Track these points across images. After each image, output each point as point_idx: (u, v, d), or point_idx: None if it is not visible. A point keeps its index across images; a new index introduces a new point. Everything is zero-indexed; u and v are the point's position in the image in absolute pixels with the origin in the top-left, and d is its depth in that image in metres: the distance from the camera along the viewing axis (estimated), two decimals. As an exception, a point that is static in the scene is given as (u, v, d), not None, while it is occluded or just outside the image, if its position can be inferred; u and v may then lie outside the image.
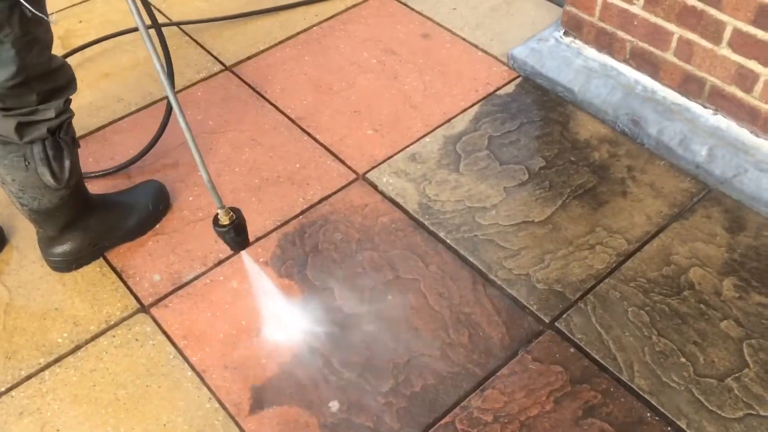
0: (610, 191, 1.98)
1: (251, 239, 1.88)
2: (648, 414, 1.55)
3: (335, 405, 1.58)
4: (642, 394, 1.58)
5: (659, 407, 1.56)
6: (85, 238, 1.79)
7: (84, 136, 2.14)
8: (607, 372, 1.61)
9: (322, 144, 2.13)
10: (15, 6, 1.36)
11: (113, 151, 2.10)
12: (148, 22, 1.90)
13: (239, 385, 1.61)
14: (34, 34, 1.42)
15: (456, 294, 1.77)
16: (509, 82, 2.30)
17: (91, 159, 2.08)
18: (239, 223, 1.53)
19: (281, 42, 2.46)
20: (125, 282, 1.80)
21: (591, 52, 2.22)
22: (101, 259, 1.85)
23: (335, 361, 1.65)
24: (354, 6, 2.57)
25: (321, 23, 2.51)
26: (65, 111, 1.57)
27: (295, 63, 2.38)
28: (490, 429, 1.54)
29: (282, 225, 1.92)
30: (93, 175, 2.01)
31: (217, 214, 1.52)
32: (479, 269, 1.81)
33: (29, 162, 1.56)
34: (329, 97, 2.26)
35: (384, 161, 2.07)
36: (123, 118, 2.21)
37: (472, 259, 1.83)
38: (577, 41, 2.25)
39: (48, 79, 1.51)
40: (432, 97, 2.25)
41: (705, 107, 2.02)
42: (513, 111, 2.20)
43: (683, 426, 1.53)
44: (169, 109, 2.06)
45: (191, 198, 1.98)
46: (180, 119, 1.42)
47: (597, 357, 1.64)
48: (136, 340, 1.70)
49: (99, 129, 2.17)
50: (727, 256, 1.82)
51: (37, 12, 1.39)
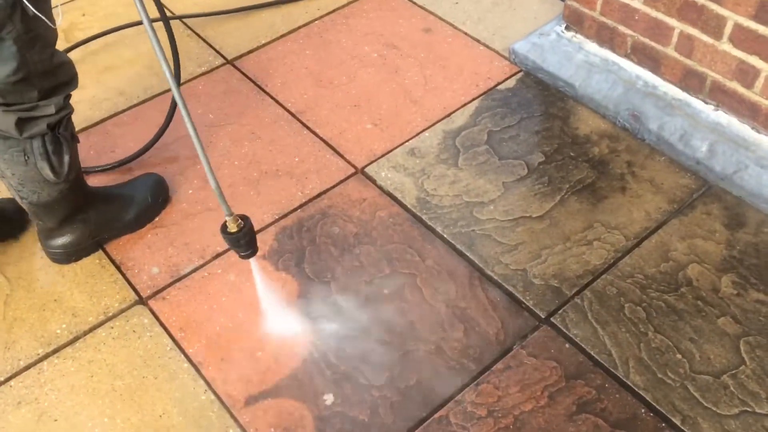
0: (609, 187, 1.97)
1: (249, 232, 1.90)
2: (642, 410, 1.55)
3: (330, 398, 1.59)
4: (637, 390, 1.57)
5: (654, 403, 1.55)
6: (85, 230, 1.80)
7: (85, 128, 2.16)
8: (602, 368, 1.61)
9: (321, 138, 2.13)
10: (16, 4, 1.37)
11: (114, 144, 2.12)
12: (154, 15, 1.91)
13: (235, 377, 1.62)
14: (36, 31, 1.43)
15: (452, 289, 1.77)
16: (510, 76, 2.29)
17: (93, 152, 2.09)
18: (248, 231, 1.51)
19: (283, 36, 2.46)
20: (124, 274, 1.81)
21: (592, 46, 2.21)
22: (100, 252, 1.86)
23: (331, 355, 1.66)
24: (356, 0, 2.57)
25: (323, 17, 2.51)
26: (65, 107, 1.58)
27: (297, 57, 2.38)
28: (483, 423, 1.54)
29: (280, 218, 1.93)
30: (99, 169, 2.02)
31: (226, 221, 1.50)
32: (476, 264, 1.81)
33: (29, 157, 1.58)
34: (330, 91, 2.27)
35: (383, 155, 2.07)
36: (124, 111, 2.22)
37: (468, 254, 1.83)
38: (579, 36, 2.24)
39: (50, 76, 1.52)
40: (432, 92, 2.25)
41: (706, 103, 2.01)
42: (513, 106, 2.19)
43: (678, 422, 1.52)
44: (174, 105, 2.07)
45: (190, 191, 1.99)
46: (189, 127, 1.39)
47: (592, 353, 1.63)
48: (133, 331, 1.71)
49: (100, 122, 2.18)
50: (726, 252, 1.81)
51: (38, 12, 1.39)
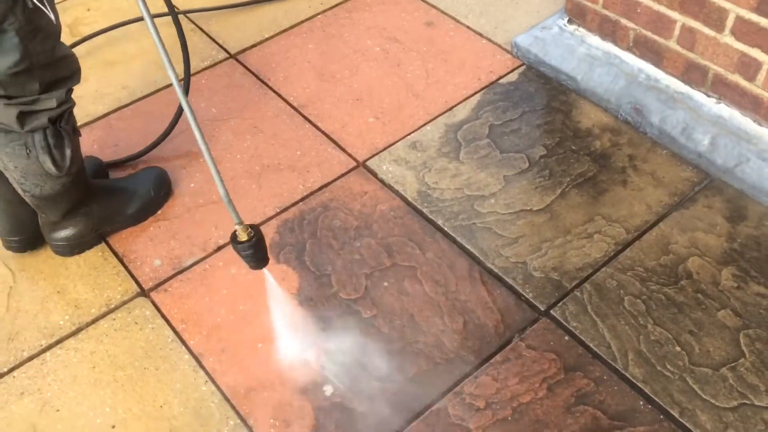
0: (610, 180, 1.97)
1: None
2: (641, 402, 1.55)
3: (329, 389, 1.60)
4: (635, 382, 1.58)
5: (652, 396, 1.55)
6: (87, 223, 1.82)
7: (88, 123, 2.17)
8: (601, 360, 1.61)
9: (323, 132, 2.13)
10: None
11: (117, 138, 2.13)
12: (161, 10, 1.91)
13: (235, 369, 1.63)
14: (37, 23, 1.45)
15: (452, 281, 1.77)
16: (512, 70, 2.29)
17: (96, 146, 2.11)
18: (258, 240, 1.47)
19: (286, 30, 2.47)
20: (126, 266, 1.83)
21: (594, 40, 2.20)
22: (103, 244, 1.87)
23: (331, 346, 1.66)
24: (359, -6, 2.57)
25: (326, 11, 2.52)
26: (67, 101, 1.59)
27: (299, 51, 2.39)
28: (482, 415, 1.54)
29: (281, 212, 1.94)
30: (113, 162, 2.03)
31: (235, 230, 1.46)
32: (476, 257, 1.82)
33: (30, 150, 1.59)
34: (332, 85, 2.27)
35: (384, 149, 2.08)
36: (127, 105, 2.23)
37: (469, 247, 1.83)
38: (581, 29, 2.23)
39: (51, 68, 1.53)
40: (434, 86, 2.25)
41: (708, 96, 2.00)
42: (515, 99, 2.19)
43: (676, 414, 1.53)
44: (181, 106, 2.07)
45: (192, 184, 2.00)
46: (195, 131, 1.37)
47: (591, 345, 1.64)
48: (135, 323, 1.72)
49: (103, 116, 2.20)
50: (727, 245, 1.81)
51: (39, 4, 1.41)
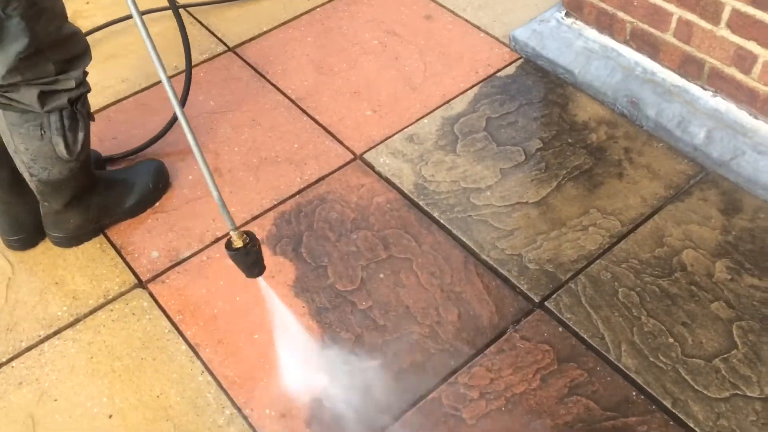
0: (606, 173, 1.97)
1: (248, 218, 1.93)
2: (633, 393, 1.56)
3: (325, 379, 1.61)
4: (628, 373, 1.59)
5: (645, 386, 1.56)
6: (87, 215, 1.83)
7: (88, 115, 2.19)
8: (595, 351, 1.62)
9: (321, 124, 2.14)
10: None
11: (116, 131, 2.14)
12: (163, 4, 1.91)
13: (231, 359, 1.65)
14: (40, 4, 1.46)
15: (447, 273, 1.78)
16: (510, 63, 2.29)
17: (95, 138, 2.09)
18: (253, 247, 1.42)
19: (285, 23, 2.47)
20: (124, 258, 1.84)
21: (592, 33, 2.21)
22: (101, 236, 1.89)
23: (326, 337, 1.68)
24: (358, -13, 2.58)
25: (324, 4, 2.52)
26: (84, 83, 1.61)
27: (298, 44, 2.40)
28: (476, 405, 1.56)
29: (279, 204, 1.95)
30: (117, 157, 2.04)
31: (230, 237, 1.40)
32: (471, 249, 1.83)
33: (45, 132, 1.59)
34: (330, 78, 2.28)
35: (382, 142, 2.09)
36: (127, 98, 2.24)
37: (464, 239, 1.84)
38: (578, 22, 2.24)
39: (61, 48, 1.53)
40: (432, 79, 2.26)
41: (704, 89, 2.01)
42: (512, 92, 2.20)
43: (668, 405, 1.54)
44: (186, 93, 2.09)
45: (190, 177, 2.02)
46: (190, 139, 1.33)
47: (585, 336, 1.65)
48: (133, 314, 1.74)
49: (103, 109, 2.21)
50: (722, 238, 1.81)
51: None
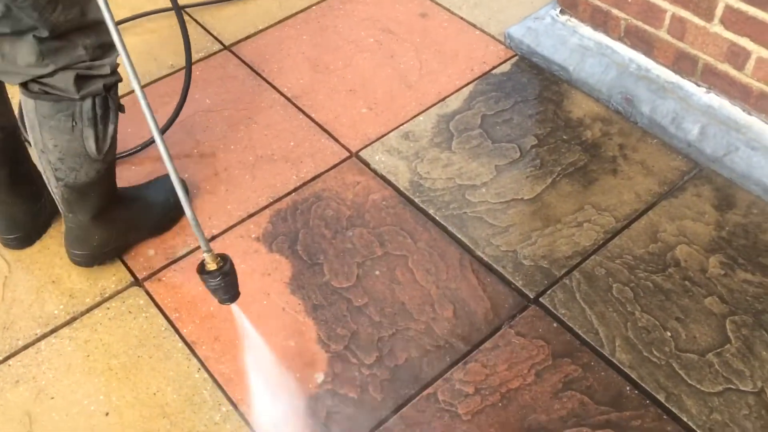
0: (600, 169, 1.98)
1: (244, 215, 1.93)
2: (627, 387, 1.57)
3: (320, 376, 1.62)
4: (622, 368, 1.59)
5: (639, 381, 1.57)
6: (111, 231, 1.76)
7: (84, 114, 2.19)
8: (589, 346, 1.63)
9: (316, 122, 2.15)
10: None
11: (112, 130, 2.15)
12: (166, 5, 1.89)
13: (228, 357, 1.66)
14: None
15: (443, 270, 1.79)
16: (505, 61, 2.30)
17: (91, 137, 2.12)
18: (228, 271, 1.33)
19: (280, 21, 2.48)
20: (120, 256, 1.85)
21: (586, 30, 2.21)
22: (98, 234, 1.89)
23: (322, 334, 1.69)
24: (353, -15, 2.58)
25: (320, 2, 2.53)
26: (116, 72, 1.57)
27: (294, 42, 2.40)
28: (471, 400, 1.56)
29: (275, 201, 1.96)
30: (125, 154, 2.04)
31: (203, 259, 1.32)
32: (467, 246, 1.83)
33: (76, 123, 1.54)
34: (326, 76, 2.29)
35: (377, 139, 2.09)
36: (123, 96, 2.24)
37: (460, 236, 1.85)
38: (573, 19, 2.24)
39: (89, 33, 1.47)
40: (427, 76, 2.27)
41: (698, 85, 2.02)
42: (507, 90, 2.21)
43: (662, 399, 1.54)
44: (187, 89, 2.10)
45: (186, 175, 2.02)
46: (164, 155, 1.34)
47: (579, 332, 1.65)
48: (129, 312, 1.74)
49: (99, 108, 2.21)
50: (715, 233, 1.82)
51: None
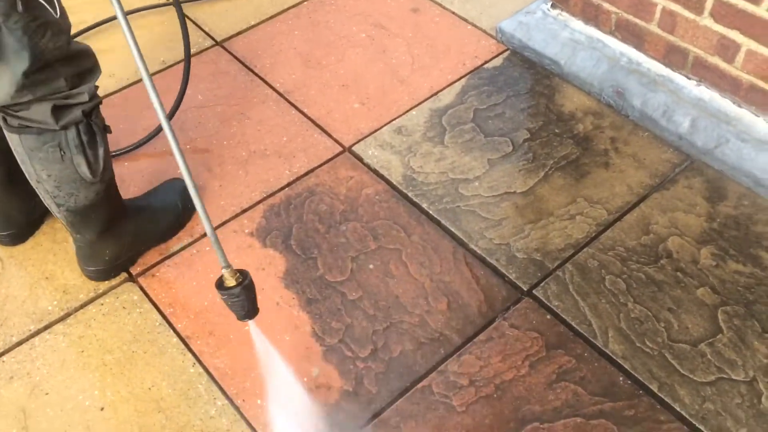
0: (592, 162, 1.99)
1: (237, 211, 1.93)
2: (620, 378, 1.58)
3: (316, 370, 1.62)
4: (615, 358, 1.61)
5: (632, 371, 1.59)
6: (122, 243, 1.76)
7: (76, 111, 2.18)
8: (582, 338, 1.64)
9: (309, 117, 2.15)
10: None
11: (104, 126, 2.14)
12: (151, 2, 1.89)
13: (223, 351, 1.66)
14: (44, 18, 1.40)
15: (436, 263, 1.80)
16: (497, 55, 2.31)
17: (83, 133, 2.12)
18: (248, 286, 1.35)
19: (272, 17, 2.48)
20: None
21: (578, 24, 2.22)
22: (91, 231, 1.89)
23: (317, 328, 1.69)
24: (344, -19, 2.58)
25: (311, -2, 2.53)
26: (96, 95, 1.55)
27: (285, 38, 2.40)
28: (465, 392, 1.57)
29: (268, 197, 1.96)
30: (120, 152, 2.03)
31: (222, 274, 1.34)
32: (460, 239, 1.84)
33: (65, 152, 1.53)
34: (318, 72, 2.29)
35: (370, 134, 2.10)
36: (114, 93, 2.25)
37: (453, 230, 1.86)
38: (564, 13, 2.25)
39: (72, 62, 1.48)
40: (419, 71, 2.27)
41: (689, 78, 2.03)
42: (499, 84, 2.21)
43: (655, 389, 1.56)
44: (185, 85, 2.10)
45: (179, 172, 2.02)
46: (181, 165, 1.33)
47: (573, 323, 1.67)
48: (123, 308, 1.74)
49: (91, 104, 2.21)
50: (707, 225, 1.84)
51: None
